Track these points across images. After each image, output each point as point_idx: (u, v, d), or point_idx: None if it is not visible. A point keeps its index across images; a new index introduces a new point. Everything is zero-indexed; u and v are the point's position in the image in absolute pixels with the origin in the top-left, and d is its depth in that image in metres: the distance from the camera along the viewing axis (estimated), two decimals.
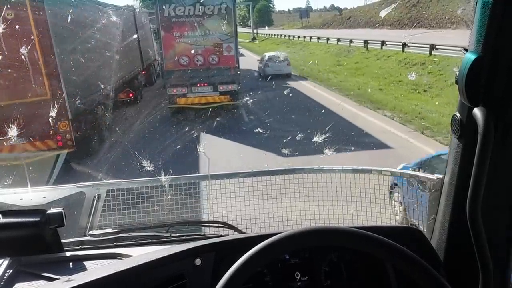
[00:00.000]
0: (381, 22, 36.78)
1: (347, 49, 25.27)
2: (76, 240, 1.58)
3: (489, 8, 0.89)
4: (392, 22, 34.67)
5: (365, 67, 19.83)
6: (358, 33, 32.53)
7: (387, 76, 16.97)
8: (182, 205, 1.90)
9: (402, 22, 33.36)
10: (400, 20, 33.93)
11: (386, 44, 21.31)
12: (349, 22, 47.14)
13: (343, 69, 20.64)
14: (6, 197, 1.76)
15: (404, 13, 34.09)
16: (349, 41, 25.86)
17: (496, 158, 0.95)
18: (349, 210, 1.83)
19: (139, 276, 1.18)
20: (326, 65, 22.13)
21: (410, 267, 0.93)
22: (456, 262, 1.22)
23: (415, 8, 32.98)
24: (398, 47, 20.02)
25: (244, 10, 73.11)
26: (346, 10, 57.14)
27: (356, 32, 35.22)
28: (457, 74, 0.96)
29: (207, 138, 9.50)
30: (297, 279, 1.30)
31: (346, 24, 47.08)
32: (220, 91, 12.01)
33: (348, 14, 51.12)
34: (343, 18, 51.25)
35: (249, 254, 0.92)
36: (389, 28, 34.03)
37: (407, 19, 33.05)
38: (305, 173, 1.94)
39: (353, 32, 34.20)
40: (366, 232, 0.95)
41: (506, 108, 0.94)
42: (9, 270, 1.26)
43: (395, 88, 15.18)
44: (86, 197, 1.80)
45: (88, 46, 9.90)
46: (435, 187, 1.50)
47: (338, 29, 45.24)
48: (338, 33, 34.23)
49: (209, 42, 11.96)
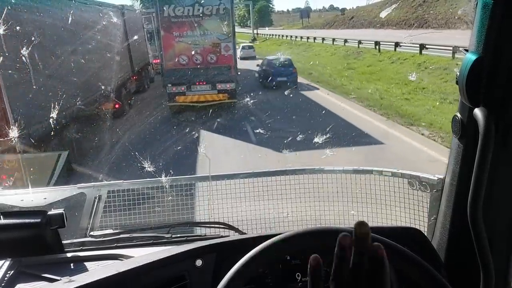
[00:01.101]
0: (386, 22, 35.36)
1: (356, 50, 23.72)
2: (77, 241, 1.58)
3: (490, 8, 0.89)
4: (398, 22, 33.36)
5: (380, 71, 17.99)
6: (362, 33, 31.32)
7: (407, 82, 14.89)
8: (183, 206, 1.90)
9: (408, 22, 31.88)
10: (406, 20, 32.58)
11: (400, 45, 19.89)
12: (352, 22, 46.08)
13: (355, 73, 18.93)
14: (7, 198, 1.77)
15: (410, 12, 32.82)
16: (358, 42, 24.29)
17: (497, 159, 0.95)
18: (350, 210, 1.82)
19: (140, 277, 1.18)
20: (335, 68, 20.49)
21: (411, 267, 0.92)
22: (457, 263, 1.22)
23: (421, 8, 31.59)
24: (413, 49, 18.31)
25: (243, 10, 73.00)
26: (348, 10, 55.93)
27: (360, 32, 33.92)
28: (457, 75, 0.96)
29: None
30: (298, 280, 1.30)
31: (349, 24, 46.10)
32: (218, 90, 12.29)
33: (351, 14, 50.10)
34: (346, 18, 50.26)
35: (250, 255, 0.92)
36: (395, 28, 32.65)
37: (413, 19, 31.57)
38: (306, 173, 1.94)
39: (357, 33, 33.13)
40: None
41: (507, 108, 0.94)
42: (10, 271, 1.26)
43: (422, 97, 13.02)
44: (87, 198, 1.80)
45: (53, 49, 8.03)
46: (436, 187, 1.50)
47: (340, 29, 44.40)
48: (341, 33, 33.45)
49: (207, 41, 12.36)
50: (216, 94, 12.32)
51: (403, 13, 33.56)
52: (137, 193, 1.87)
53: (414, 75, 15.69)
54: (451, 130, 1.10)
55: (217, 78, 12.25)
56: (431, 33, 22.86)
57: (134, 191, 1.86)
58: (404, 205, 1.74)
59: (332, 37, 29.84)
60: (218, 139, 10.03)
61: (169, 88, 12.22)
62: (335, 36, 29.22)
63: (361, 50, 23.19)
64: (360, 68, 19.62)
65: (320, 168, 1.93)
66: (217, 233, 1.62)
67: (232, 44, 12.46)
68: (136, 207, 1.86)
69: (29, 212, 1.42)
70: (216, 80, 12.24)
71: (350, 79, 17.60)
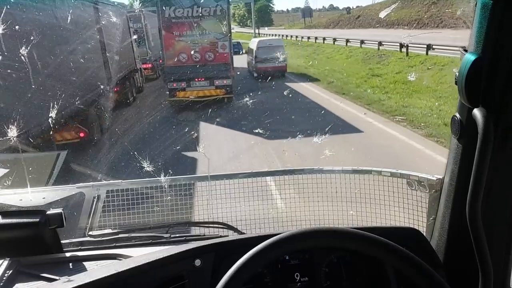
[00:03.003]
0: (397, 22, 32.56)
1: (376, 53, 20.31)
2: (75, 241, 1.58)
3: (489, 9, 0.89)
4: (409, 22, 31.06)
5: (418, 81, 14.32)
6: (370, 33, 28.95)
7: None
8: (182, 205, 1.89)
9: (422, 22, 29.61)
10: (418, 20, 30.19)
11: (433, 48, 16.40)
12: (358, 21, 44.24)
13: (384, 81, 15.16)
14: (6, 197, 1.76)
15: (423, 11, 30.42)
16: (378, 43, 20.72)
17: (495, 159, 0.95)
18: (349, 211, 1.82)
19: (139, 276, 1.18)
20: (357, 75, 17.02)
21: (409, 267, 0.93)
22: (455, 263, 1.22)
23: (435, 6, 29.04)
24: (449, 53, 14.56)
25: (243, 10, 72.85)
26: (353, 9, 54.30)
27: (368, 32, 31.69)
28: (456, 75, 0.96)
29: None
30: (297, 280, 1.30)
31: (356, 23, 44.31)
32: (216, 85, 13.08)
33: (357, 13, 48.10)
34: (351, 17, 48.37)
35: (249, 255, 0.92)
36: (406, 28, 30.52)
37: (427, 18, 29.29)
38: (304, 173, 1.94)
39: (364, 33, 31.12)
40: (366, 233, 0.95)
41: (506, 109, 0.94)
42: (9, 271, 1.26)
43: None
44: (86, 197, 1.80)
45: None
46: (435, 187, 1.50)
47: (346, 29, 42.70)
48: (347, 33, 31.66)
49: (205, 41, 13.08)
50: (214, 89, 13.07)
51: (414, 12, 31.41)
52: (136, 193, 1.87)
53: None
54: (450, 130, 1.11)
55: (215, 75, 13.04)
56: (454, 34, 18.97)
57: (133, 191, 1.86)
58: (403, 205, 1.74)
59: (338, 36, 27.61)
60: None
61: (170, 84, 12.98)
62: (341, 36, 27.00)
63: (382, 53, 19.87)
64: (388, 76, 15.90)
65: (319, 168, 1.93)
66: (216, 233, 1.62)
67: (228, 43, 13.25)
68: (135, 206, 1.85)
69: (28, 211, 1.42)
70: (213, 76, 13.03)
71: (383, 90, 13.72)
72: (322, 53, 26.54)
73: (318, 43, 31.21)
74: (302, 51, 29.34)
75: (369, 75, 16.87)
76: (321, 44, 30.15)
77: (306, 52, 28.51)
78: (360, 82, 15.67)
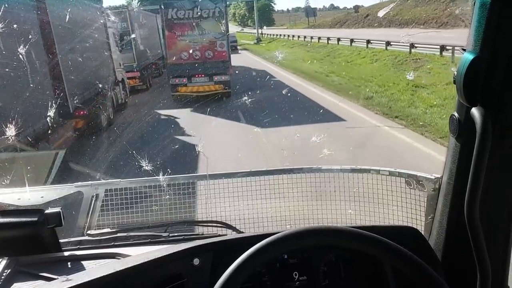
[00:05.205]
0: (411, 21, 29.74)
1: (408, 57, 17.03)
2: (74, 240, 1.58)
3: (487, 7, 0.89)
4: (426, 21, 28.43)
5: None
6: (381, 33, 25.32)
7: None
8: (180, 204, 1.89)
9: (440, 21, 26.71)
10: (436, 18, 27.34)
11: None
12: (367, 20, 41.64)
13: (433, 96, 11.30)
14: (4, 196, 1.76)
15: (440, 9, 27.84)
16: (410, 45, 17.17)
17: (493, 158, 0.95)
18: (348, 209, 1.82)
19: (137, 276, 1.18)
20: (397, 87, 12.94)
21: (408, 266, 0.93)
22: (454, 262, 1.22)
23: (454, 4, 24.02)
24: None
25: (243, 9, 72.60)
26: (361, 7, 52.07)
27: (378, 32, 28.14)
28: (455, 74, 0.96)
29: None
30: (295, 279, 1.30)
31: (364, 23, 41.29)
32: (215, 81, 14.09)
33: (365, 12, 45.65)
34: (359, 16, 45.98)
35: (247, 254, 0.92)
36: (422, 27, 27.90)
37: (445, 16, 26.19)
38: (303, 172, 1.94)
39: (374, 32, 28.40)
40: (364, 231, 0.96)
41: (504, 107, 0.94)
42: (7, 270, 1.26)
43: None
44: (84, 196, 1.79)
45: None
46: (433, 186, 1.50)
47: (353, 28, 40.67)
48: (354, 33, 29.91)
49: (205, 40, 14.11)
50: (213, 85, 14.09)
51: (431, 10, 29.21)
52: (135, 192, 1.86)
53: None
54: (449, 129, 1.11)
55: (214, 71, 14.08)
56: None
57: (132, 190, 1.86)
58: (401, 204, 1.74)
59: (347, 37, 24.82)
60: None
61: (172, 80, 14.10)
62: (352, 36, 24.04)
63: (417, 57, 16.62)
64: (438, 88, 11.97)
65: (318, 167, 1.93)
66: (214, 232, 1.62)
67: (226, 42, 14.30)
68: (133, 205, 1.85)
69: (26, 210, 1.42)
70: (212, 73, 14.07)
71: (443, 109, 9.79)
72: (339, 56, 22.35)
73: (331, 44, 26.73)
74: (314, 53, 25.52)
75: (410, 85, 12.90)
76: (335, 45, 25.84)
77: (319, 54, 24.41)
78: (408, 97, 11.59)
